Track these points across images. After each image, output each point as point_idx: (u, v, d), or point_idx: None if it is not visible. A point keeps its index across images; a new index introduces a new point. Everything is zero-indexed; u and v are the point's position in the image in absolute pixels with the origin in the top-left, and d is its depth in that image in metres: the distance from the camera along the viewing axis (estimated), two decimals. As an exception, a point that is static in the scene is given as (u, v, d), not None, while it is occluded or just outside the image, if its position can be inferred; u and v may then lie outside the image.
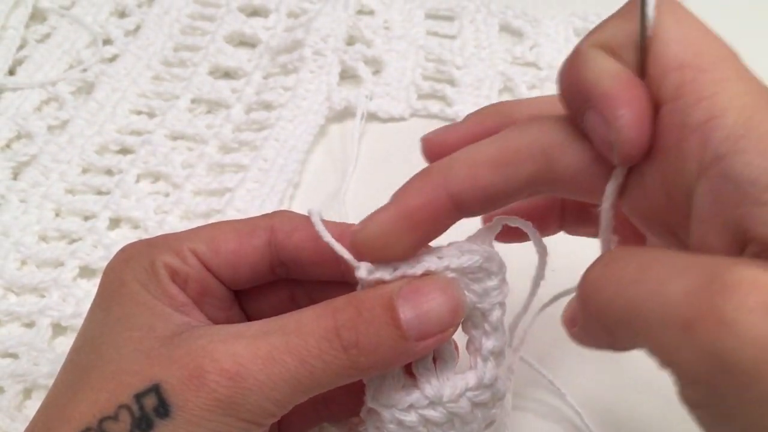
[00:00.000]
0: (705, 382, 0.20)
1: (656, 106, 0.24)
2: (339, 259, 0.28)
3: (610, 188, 0.26)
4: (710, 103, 0.23)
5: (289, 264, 0.31)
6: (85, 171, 0.50)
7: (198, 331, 0.27)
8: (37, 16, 0.60)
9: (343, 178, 0.49)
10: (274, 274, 0.31)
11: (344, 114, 0.53)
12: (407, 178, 0.28)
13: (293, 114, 0.52)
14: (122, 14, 0.61)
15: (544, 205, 0.33)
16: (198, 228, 0.31)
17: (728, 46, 0.25)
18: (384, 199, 0.29)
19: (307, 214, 0.29)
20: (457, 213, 0.27)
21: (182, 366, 0.26)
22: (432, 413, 0.28)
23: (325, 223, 0.29)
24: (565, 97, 0.27)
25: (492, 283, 0.28)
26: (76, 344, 0.29)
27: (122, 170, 0.49)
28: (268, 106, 0.53)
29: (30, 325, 0.42)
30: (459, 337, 0.30)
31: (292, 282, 0.33)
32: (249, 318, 0.33)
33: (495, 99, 0.54)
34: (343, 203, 0.47)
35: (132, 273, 0.29)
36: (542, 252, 0.30)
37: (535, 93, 0.54)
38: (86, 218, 0.48)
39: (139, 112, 0.54)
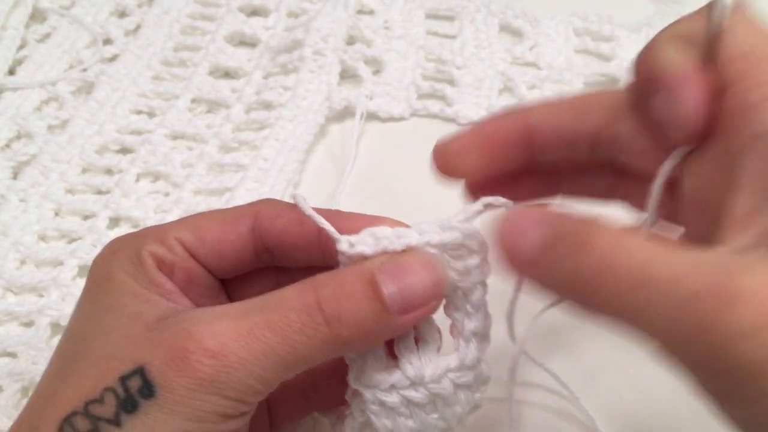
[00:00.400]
0: (711, 380, 0.21)
1: (721, 91, 0.26)
2: (322, 234, 0.28)
3: (667, 166, 0.28)
4: (765, 88, 0.25)
5: (273, 250, 0.31)
6: (84, 170, 0.50)
7: (183, 314, 0.28)
8: (37, 15, 0.60)
9: (341, 178, 0.49)
10: (260, 261, 0.32)
11: (344, 114, 0.53)
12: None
13: (293, 114, 0.52)
14: (122, 14, 0.61)
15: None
16: (183, 218, 0.32)
17: None
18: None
19: (292, 202, 0.29)
20: (527, 150, 0.30)
21: (166, 348, 0.26)
22: (414, 394, 0.28)
23: (311, 208, 0.29)
24: (638, 82, 0.29)
25: (473, 261, 0.28)
26: (64, 336, 0.29)
27: (122, 170, 0.49)
28: (268, 106, 0.53)
29: (29, 324, 0.42)
30: (443, 323, 0.30)
31: (277, 270, 0.33)
32: None
33: (495, 99, 0.54)
34: (338, 202, 0.47)
35: (119, 265, 0.29)
36: None
37: (535, 93, 0.54)
38: (86, 218, 0.48)
39: (139, 112, 0.54)
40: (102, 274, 0.30)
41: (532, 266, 0.25)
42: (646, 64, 0.29)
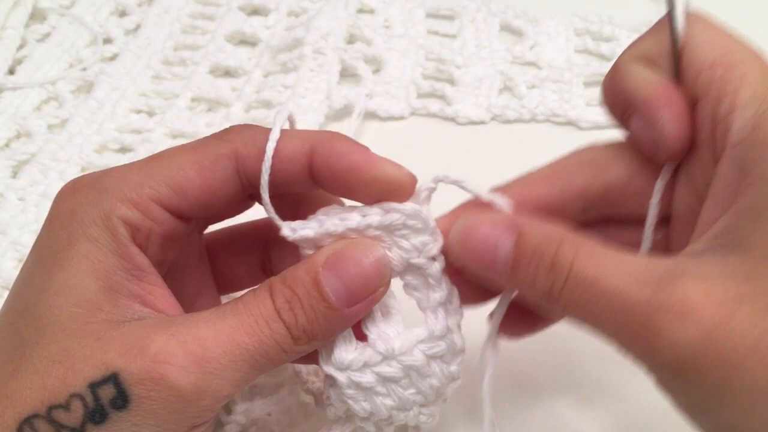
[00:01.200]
0: (661, 380, 0.24)
1: (693, 104, 0.27)
2: (312, 160, 0.28)
3: (659, 185, 0.29)
4: (734, 98, 0.26)
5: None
6: (84, 170, 0.50)
7: (151, 318, 0.27)
8: (37, 15, 0.60)
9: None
10: (253, 199, 0.30)
11: (344, 112, 0.53)
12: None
13: (293, 112, 0.51)
14: (122, 13, 0.61)
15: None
16: (150, 163, 0.28)
17: (753, 46, 0.27)
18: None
19: (270, 129, 0.28)
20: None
21: (140, 351, 0.25)
22: (387, 369, 0.28)
23: (292, 137, 0.28)
24: (609, 108, 0.30)
25: (421, 238, 0.29)
26: (11, 306, 0.27)
27: (121, 169, 0.49)
28: (267, 105, 0.53)
29: (28, 323, 0.42)
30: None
31: (262, 248, 0.33)
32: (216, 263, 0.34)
33: (495, 98, 0.54)
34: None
35: (81, 228, 0.26)
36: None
37: (534, 92, 0.54)
38: (85, 217, 0.48)
39: (139, 111, 0.54)
40: (61, 236, 0.26)
41: (501, 277, 0.27)
42: (614, 89, 0.29)
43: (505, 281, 0.27)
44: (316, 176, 0.28)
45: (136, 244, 0.27)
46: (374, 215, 0.28)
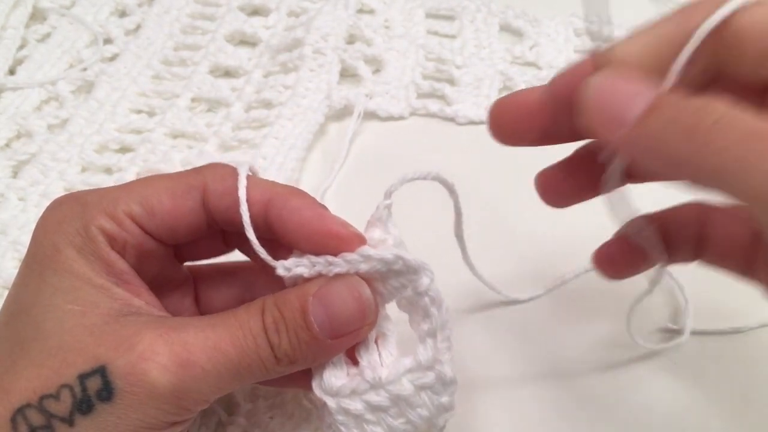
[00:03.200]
0: None
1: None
2: (268, 208, 0.29)
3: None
4: None
5: (222, 224, 0.31)
6: (84, 170, 0.50)
7: (144, 316, 0.28)
8: (37, 15, 0.60)
9: (329, 176, 0.49)
10: (211, 230, 0.31)
11: (344, 112, 0.53)
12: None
13: (293, 112, 0.52)
14: (122, 13, 0.61)
15: None
16: (129, 185, 0.31)
17: None
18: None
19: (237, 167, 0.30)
20: None
21: (129, 348, 0.26)
22: (375, 397, 0.29)
23: (254, 187, 0.30)
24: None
25: (408, 276, 0.29)
26: (9, 309, 0.29)
27: (121, 168, 0.49)
28: (267, 105, 0.53)
29: (28, 322, 0.42)
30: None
31: (227, 234, 0.33)
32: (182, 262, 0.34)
33: (495, 98, 0.53)
34: (324, 200, 0.47)
35: (66, 237, 0.28)
36: (454, 192, 0.31)
37: (535, 92, 0.54)
38: (85, 216, 0.48)
39: (139, 111, 0.54)
40: (48, 246, 0.28)
41: (634, 136, 0.24)
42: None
43: (632, 131, 0.24)
44: (270, 224, 0.29)
45: (115, 251, 0.29)
46: (358, 263, 0.28)
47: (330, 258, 0.29)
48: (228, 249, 0.34)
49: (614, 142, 0.25)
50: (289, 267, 0.29)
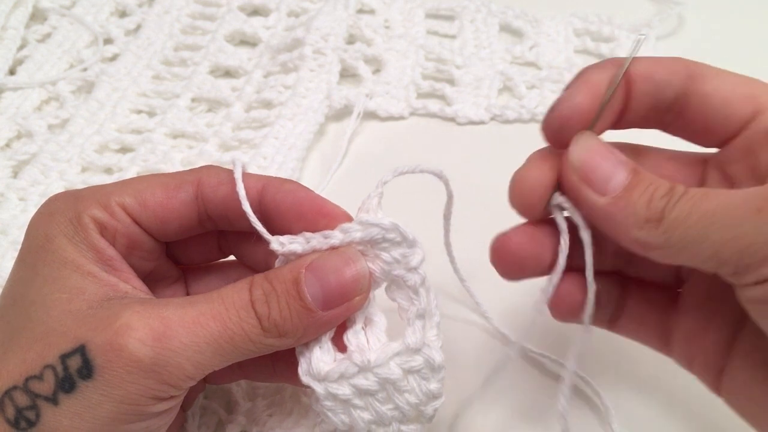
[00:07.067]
0: None
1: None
2: (261, 202, 0.30)
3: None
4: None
5: (215, 218, 0.32)
6: (84, 169, 0.50)
7: (129, 297, 0.28)
8: (37, 15, 0.60)
9: (326, 175, 0.49)
10: (203, 227, 0.32)
11: (344, 112, 0.53)
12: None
13: (293, 112, 0.52)
14: (123, 14, 0.62)
15: None
16: (124, 181, 0.32)
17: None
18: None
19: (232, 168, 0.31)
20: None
21: (107, 326, 0.26)
22: (363, 381, 0.29)
23: (248, 177, 0.30)
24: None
25: (400, 250, 0.29)
26: (3, 302, 0.29)
27: (122, 168, 0.49)
28: (268, 105, 0.53)
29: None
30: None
31: (220, 234, 0.34)
32: (177, 264, 0.34)
33: (494, 98, 0.54)
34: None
35: (57, 227, 0.29)
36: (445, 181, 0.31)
37: (534, 93, 0.54)
38: (85, 216, 0.48)
39: (139, 111, 0.54)
40: (40, 237, 0.29)
41: (607, 199, 0.28)
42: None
43: (611, 204, 0.27)
44: (265, 209, 0.30)
45: (105, 239, 0.30)
46: (355, 231, 0.29)
47: (326, 232, 0.29)
48: (222, 255, 0.34)
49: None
50: (283, 242, 0.29)
